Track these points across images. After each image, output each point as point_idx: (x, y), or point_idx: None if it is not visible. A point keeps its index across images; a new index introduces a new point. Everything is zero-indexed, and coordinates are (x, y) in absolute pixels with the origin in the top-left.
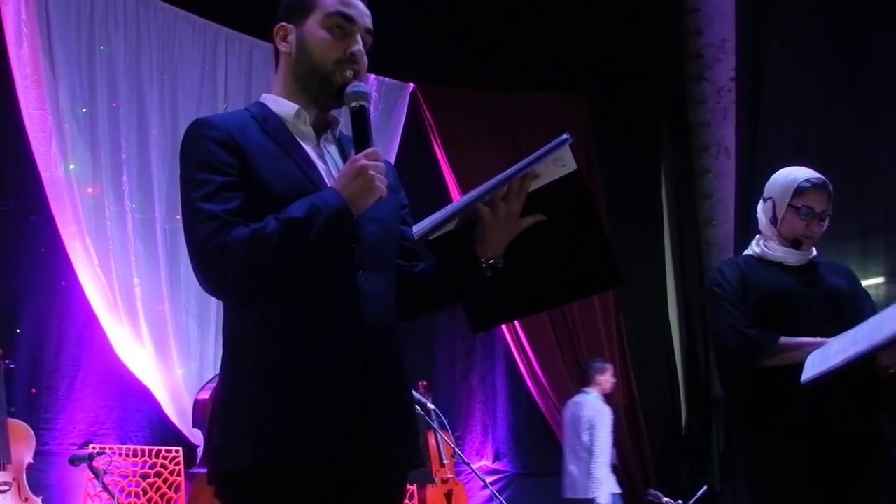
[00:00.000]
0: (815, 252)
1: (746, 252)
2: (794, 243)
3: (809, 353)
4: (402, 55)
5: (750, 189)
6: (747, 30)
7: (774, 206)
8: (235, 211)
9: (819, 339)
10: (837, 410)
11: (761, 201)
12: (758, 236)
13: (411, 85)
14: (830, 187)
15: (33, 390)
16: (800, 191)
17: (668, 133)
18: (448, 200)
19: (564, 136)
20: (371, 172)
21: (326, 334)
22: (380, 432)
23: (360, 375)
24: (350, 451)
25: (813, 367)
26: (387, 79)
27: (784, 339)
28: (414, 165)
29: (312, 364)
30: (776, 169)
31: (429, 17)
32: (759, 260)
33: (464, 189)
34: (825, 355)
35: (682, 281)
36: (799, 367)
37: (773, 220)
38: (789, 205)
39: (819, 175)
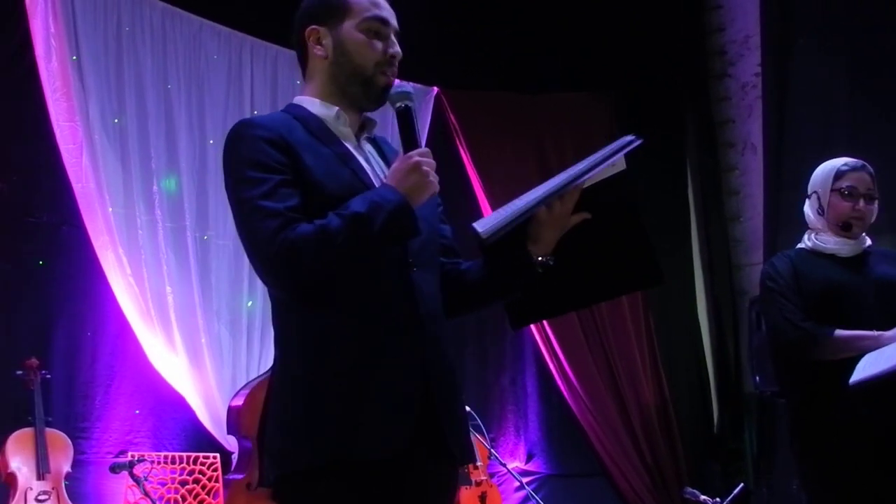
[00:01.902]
0: (868, 242)
1: (798, 246)
2: (845, 227)
3: (866, 345)
4: (425, 59)
5: (778, 185)
6: (771, 25)
7: (819, 198)
8: (296, 208)
9: (875, 333)
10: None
11: (807, 200)
12: (808, 232)
13: (435, 89)
14: (871, 168)
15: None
16: (839, 174)
17: (694, 130)
18: (474, 203)
19: (630, 137)
20: (426, 169)
21: (387, 332)
22: (440, 430)
23: (420, 373)
24: (413, 450)
25: (864, 369)
26: (410, 83)
27: (840, 332)
28: (439, 169)
29: (375, 363)
30: (804, 164)
31: (451, 20)
32: (811, 253)
33: (490, 191)
34: (879, 358)
35: (711, 279)
36: (856, 360)
37: (821, 211)
38: (832, 190)
39: (856, 159)
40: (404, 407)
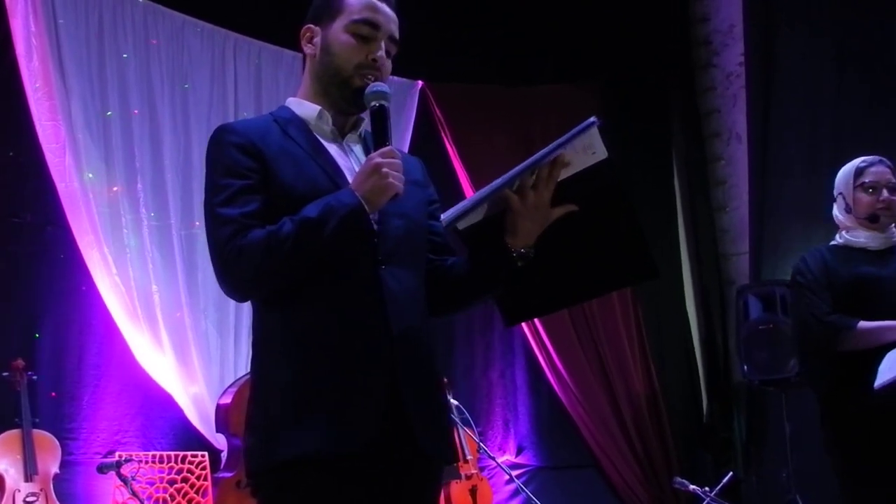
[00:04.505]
0: None
1: (831, 243)
2: (872, 219)
3: (890, 335)
4: (409, 53)
5: (763, 174)
6: (755, 14)
7: (845, 198)
8: (253, 214)
9: None
10: None
11: (834, 204)
12: (839, 231)
13: (420, 82)
14: (888, 161)
15: (53, 394)
16: (860, 171)
17: (679, 121)
18: (461, 197)
19: (591, 119)
20: (385, 170)
21: (351, 331)
22: (409, 427)
23: (387, 371)
24: (379, 447)
25: (887, 371)
26: (395, 77)
27: (863, 324)
28: (426, 163)
29: (338, 362)
30: (789, 153)
31: (435, 13)
32: (843, 248)
33: (477, 185)
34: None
35: (698, 269)
36: (881, 351)
37: (848, 209)
38: (855, 187)
39: (872, 156)
40: (366, 404)
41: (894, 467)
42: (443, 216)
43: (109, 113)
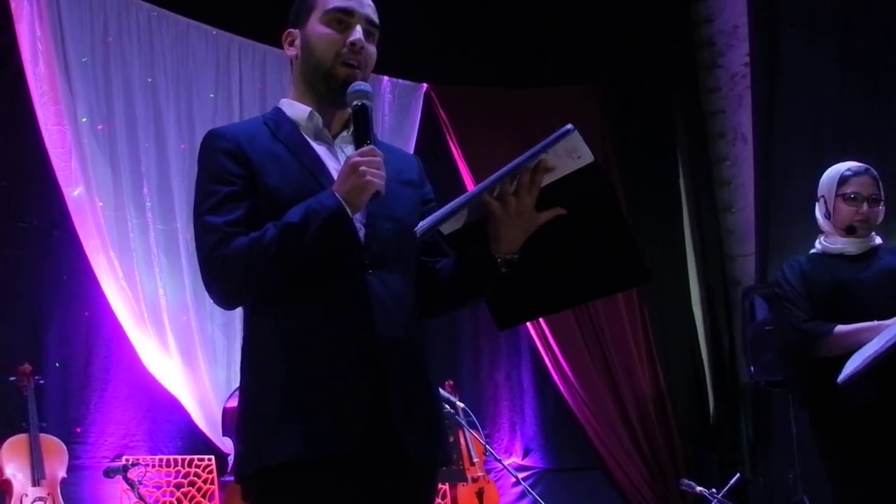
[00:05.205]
0: (878, 240)
1: (811, 251)
2: (849, 230)
3: (867, 336)
4: (413, 56)
5: (768, 174)
6: (759, 14)
7: (826, 202)
8: (238, 221)
9: (874, 323)
10: None
11: (816, 204)
12: (819, 235)
13: (425, 85)
14: (874, 172)
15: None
16: (843, 179)
17: (684, 122)
18: None
19: (567, 126)
20: (363, 168)
21: (336, 336)
22: (395, 432)
23: (373, 376)
24: (364, 451)
25: (849, 365)
26: (400, 80)
27: (839, 328)
28: (431, 165)
29: (323, 366)
30: (794, 153)
31: (440, 16)
32: (821, 256)
33: None
34: (862, 353)
35: (704, 270)
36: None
37: (828, 215)
38: (836, 195)
39: (860, 164)
40: (350, 410)
41: (880, 467)
42: (417, 227)
43: (105, 123)
